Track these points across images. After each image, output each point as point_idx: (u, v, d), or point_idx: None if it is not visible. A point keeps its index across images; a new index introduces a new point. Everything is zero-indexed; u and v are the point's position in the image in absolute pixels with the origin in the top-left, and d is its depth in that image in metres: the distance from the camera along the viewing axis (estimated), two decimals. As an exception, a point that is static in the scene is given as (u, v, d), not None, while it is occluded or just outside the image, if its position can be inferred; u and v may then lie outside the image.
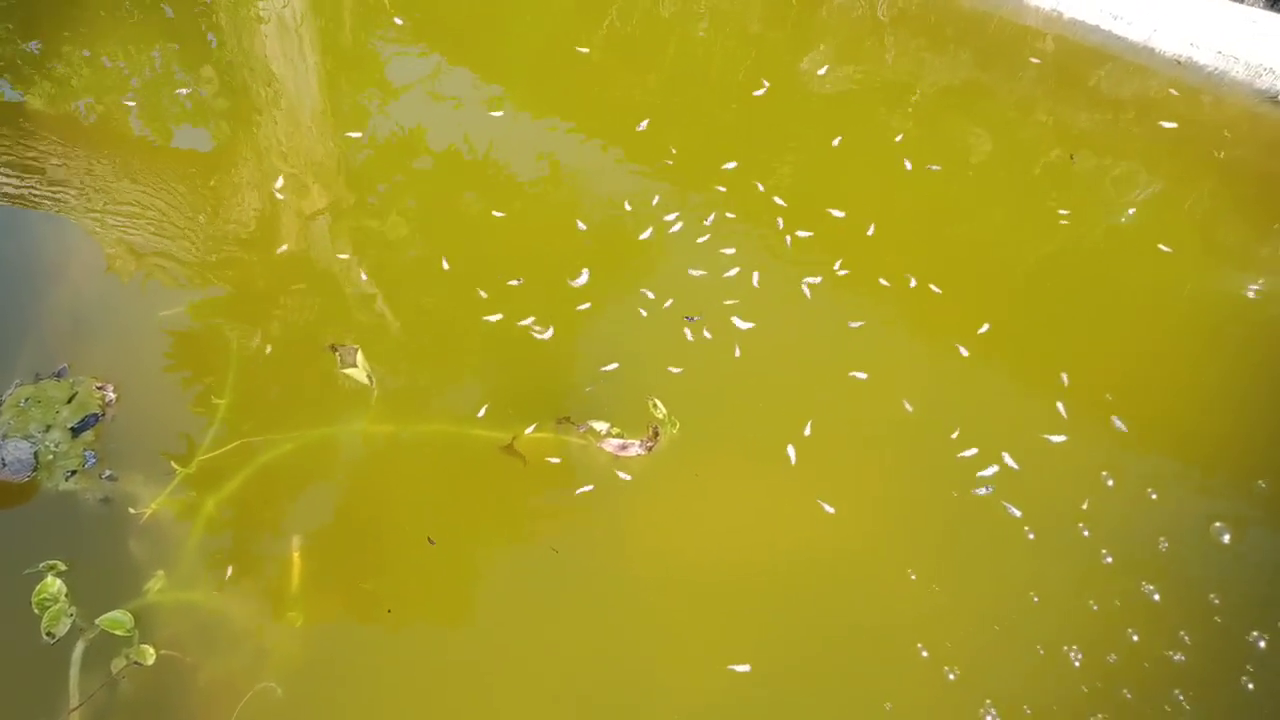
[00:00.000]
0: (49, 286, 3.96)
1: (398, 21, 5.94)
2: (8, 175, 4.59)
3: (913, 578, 3.12)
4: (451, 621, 3.08)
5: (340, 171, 4.76)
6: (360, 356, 3.57)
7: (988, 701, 2.85)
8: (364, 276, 4.11)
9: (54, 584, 2.94)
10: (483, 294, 3.97)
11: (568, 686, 2.90)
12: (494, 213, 4.47)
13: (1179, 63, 5.20)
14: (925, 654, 2.94)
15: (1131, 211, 4.52)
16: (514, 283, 4.02)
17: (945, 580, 3.11)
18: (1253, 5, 5.30)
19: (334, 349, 3.65)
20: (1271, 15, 5.25)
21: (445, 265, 4.16)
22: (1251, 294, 4.15)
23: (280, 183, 4.58)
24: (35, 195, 4.49)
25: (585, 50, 5.67)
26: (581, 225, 4.29)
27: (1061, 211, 4.49)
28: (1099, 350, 3.88)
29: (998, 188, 4.67)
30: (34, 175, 4.60)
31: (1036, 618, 3.03)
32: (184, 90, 5.42)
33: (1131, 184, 4.67)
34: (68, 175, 4.63)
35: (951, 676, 2.90)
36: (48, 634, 2.87)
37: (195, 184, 4.66)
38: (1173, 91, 5.16)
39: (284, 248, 4.26)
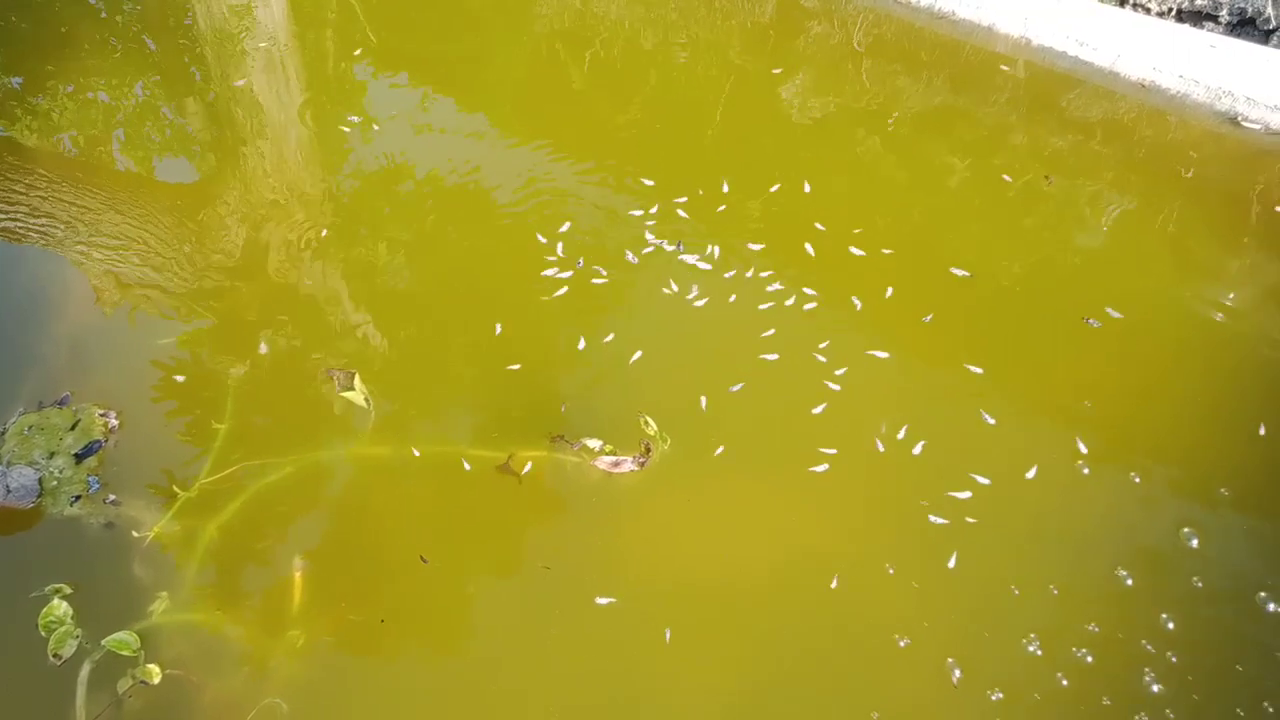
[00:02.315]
0: (47, 318, 4.02)
1: (381, 53, 6.05)
2: (-6, 209, 4.65)
3: (890, 571, 3.21)
4: (449, 637, 3.14)
5: (327, 201, 4.85)
6: (358, 380, 3.65)
7: (991, 692, 2.94)
8: (352, 304, 4.19)
9: (60, 606, 2.98)
10: (469, 317, 4.07)
11: (565, 701, 2.96)
12: (477, 235, 4.57)
13: (1143, 86, 5.38)
14: (906, 644, 3.03)
15: (1106, 227, 4.65)
16: (499, 304, 4.12)
17: (928, 579, 3.20)
18: (1213, 31, 5.50)
19: (330, 374, 3.72)
20: (1230, 40, 5.45)
21: (432, 290, 4.25)
22: (1224, 305, 4.27)
23: (266, 215, 4.66)
24: (22, 229, 4.54)
25: (569, 80, 5.80)
26: (563, 249, 4.40)
27: (1039, 229, 4.63)
28: (1075, 363, 4.00)
29: (974, 208, 4.81)
30: (20, 209, 4.66)
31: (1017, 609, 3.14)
32: (169, 123, 5.50)
33: (1104, 203, 4.81)
34: (54, 209, 4.69)
35: (957, 674, 2.99)
36: (54, 655, 2.91)
37: (182, 215, 4.72)
38: (1138, 114, 5.34)
39: (272, 277, 4.34)
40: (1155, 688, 2.94)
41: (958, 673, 2.98)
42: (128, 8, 6.62)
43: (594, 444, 3.54)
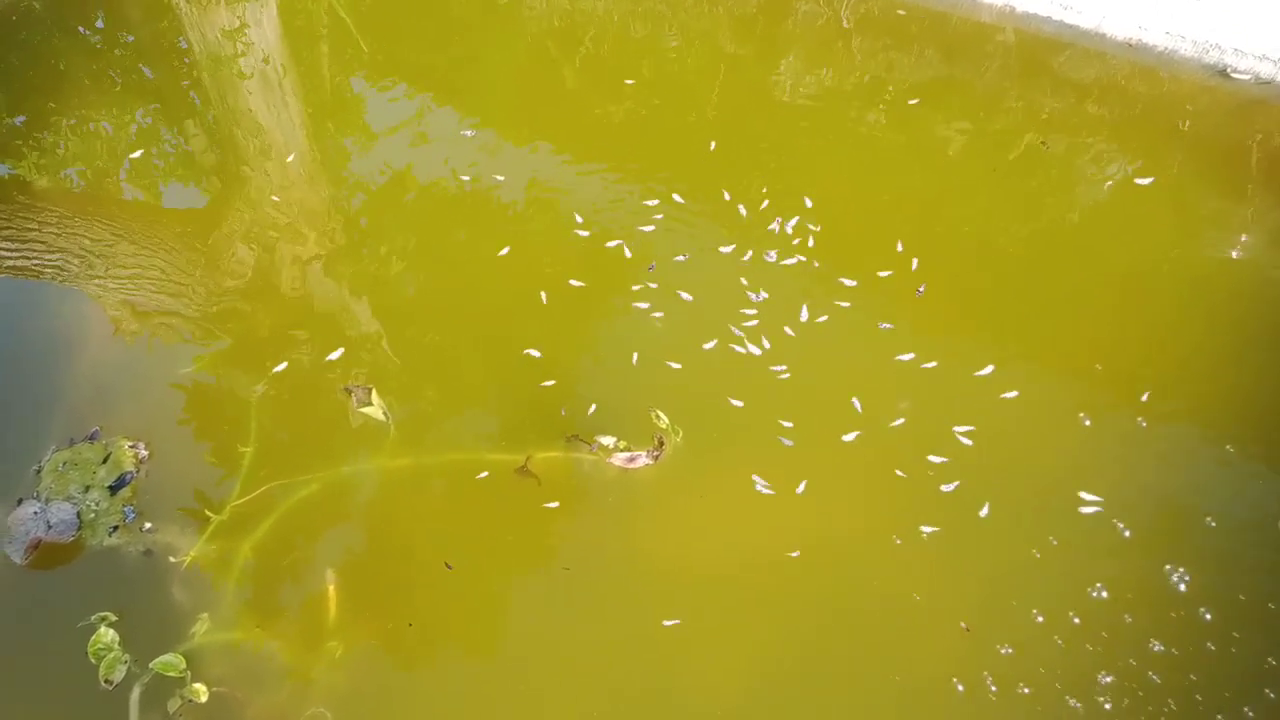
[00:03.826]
0: (71, 354, 4.13)
1: (375, 66, 6.11)
2: (8, 248, 4.73)
3: (898, 541, 3.31)
4: (480, 639, 3.24)
5: (334, 215, 4.92)
6: (375, 395, 3.74)
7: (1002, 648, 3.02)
8: (366, 316, 4.27)
9: (107, 634, 3.10)
10: (480, 323, 4.15)
11: (597, 691, 3.05)
12: (484, 241, 4.64)
13: (1131, 45, 5.38)
14: (920, 599, 3.11)
15: (1109, 185, 4.68)
16: (508, 309, 4.20)
17: (943, 553, 3.28)
18: (1198, -18, 5.48)
19: (348, 390, 3.82)
20: (1216, -9, 5.43)
21: (440, 297, 4.33)
22: (1233, 255, 4.32)
23: (275, 234, 4.75)
24: (37, 265, 4.63)
25: (563, 78, 5.84)
26: (570, 243, 4.47)
27: (1041, 192, 4.67)
28: (1086, 322, 4.06)
29: (977, 175, 4.84)
30: (34, 246, 4.73)
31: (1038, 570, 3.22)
32: (172, 150, 5.58)
33: (1106, 161, 4.84)
34: (67, 243, 4.76)
35: (963, 626, 3.07)
36: (105, 681, 3.04)
37: (192, 240, 4.80)
38: (1130, 72, 5.34)
39: (285, 294, 4.42)
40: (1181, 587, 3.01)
41: (963, 624, 3.09)
42: (122, 38, 6.70)
43: (608, 441, 3.62)
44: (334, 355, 3.98)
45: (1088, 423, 3.63)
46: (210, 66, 6.33)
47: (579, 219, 4.64)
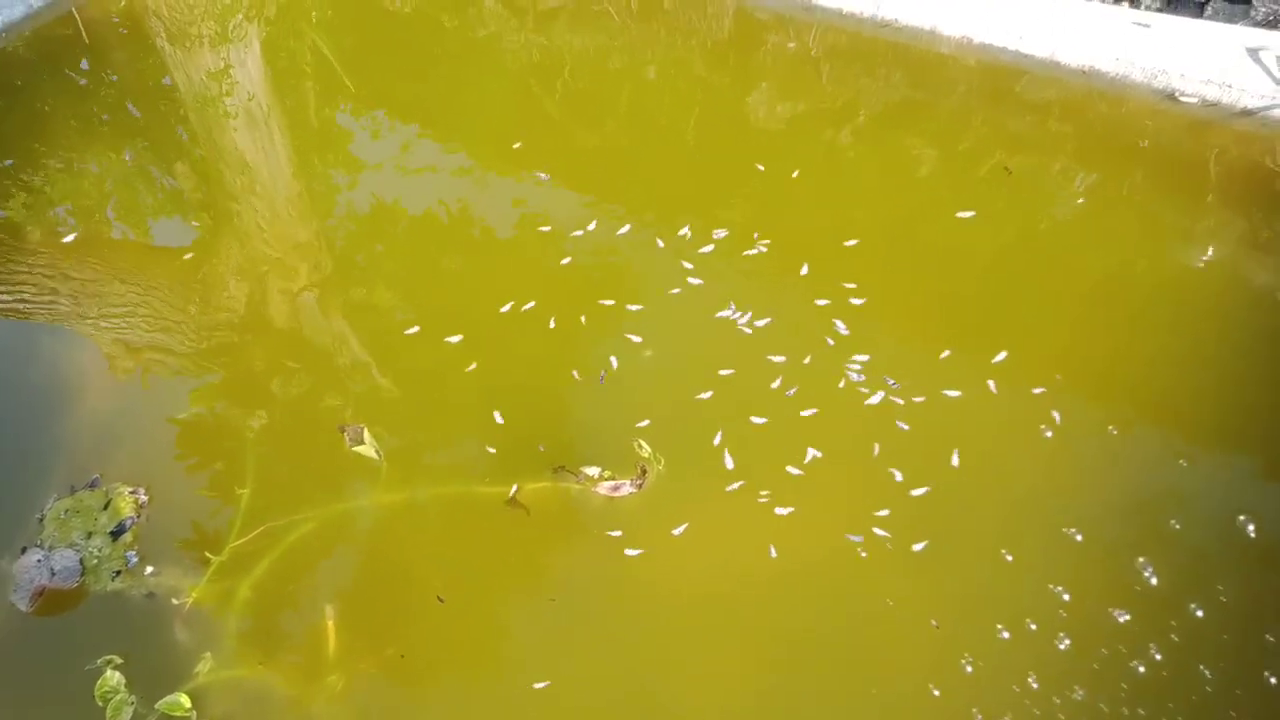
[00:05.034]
0: (69, 401, 4.24)
1: (360, 101, 6.25)
2: (-1, 290, 4.82)
3: (863, 555, 3.43)
4: (477, 669, 3.36)
5: (323, 249, 5.04)
6: (367, 434, 3.87)
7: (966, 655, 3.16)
8: (357, 348, 4.40)
9: (113, 677, 3.21)
10: (469, 355, 4.28)
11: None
12: (472, 274, 4.77)
13: (1084, 72, 5.57)
14: (892, 604, 3.26)
15: (1073, 201, 4.86)
16: (498, 340, 4.33)
17: (927, 566, 3.42)
18: (1149, 8, 5.68)
19: (342, 429, 3.95)
20: (1162, 16, 5.63)
21: (431, 328, 4.45)
22: (1197, 264, 4.48)
23: (265, 268, 4.87)
24: (28, 307, 4.72)
25: (544, 110, 5.99)
26: (558, 274, 4.61)
27: (1009, 212, 4.85)
28: (1051, 333, 4.22)
29: (946, 195, 5.01)
30: (24, 288, 4.83)
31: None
32: (160, 188, 5.68)
33: (1069, 179, 5.02)
34: (57, 284, 4.86)
35: (933, 624, 3.21)
36: (113, 723, 3.15)
37: (182, 278, 4.90)
38: (1085, 98, 5.54)
39: (277, 329, 4.54)
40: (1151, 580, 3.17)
41: (934, 621, 3.25)
42: (108, 79, 6.81)
43: (593, 471, 3.75)
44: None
45: (1049, 435, 3.78)
46: (196, 106, 6.45)
47: (566, 250, 4.77)
